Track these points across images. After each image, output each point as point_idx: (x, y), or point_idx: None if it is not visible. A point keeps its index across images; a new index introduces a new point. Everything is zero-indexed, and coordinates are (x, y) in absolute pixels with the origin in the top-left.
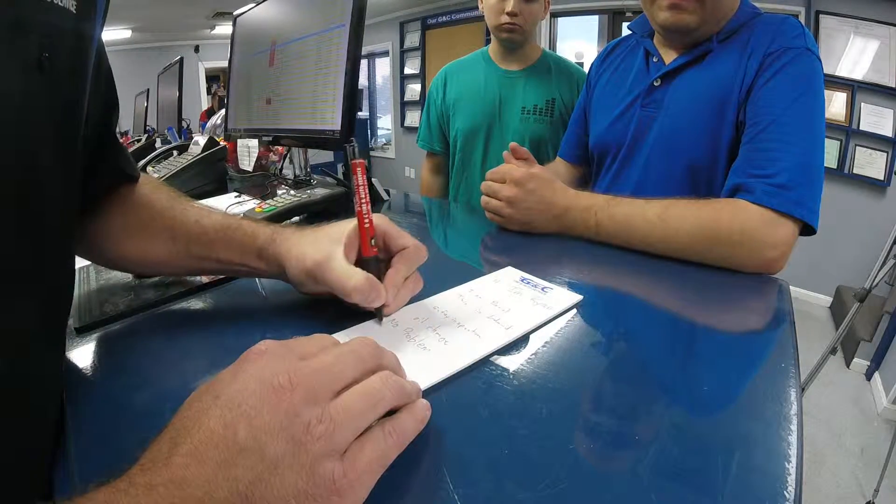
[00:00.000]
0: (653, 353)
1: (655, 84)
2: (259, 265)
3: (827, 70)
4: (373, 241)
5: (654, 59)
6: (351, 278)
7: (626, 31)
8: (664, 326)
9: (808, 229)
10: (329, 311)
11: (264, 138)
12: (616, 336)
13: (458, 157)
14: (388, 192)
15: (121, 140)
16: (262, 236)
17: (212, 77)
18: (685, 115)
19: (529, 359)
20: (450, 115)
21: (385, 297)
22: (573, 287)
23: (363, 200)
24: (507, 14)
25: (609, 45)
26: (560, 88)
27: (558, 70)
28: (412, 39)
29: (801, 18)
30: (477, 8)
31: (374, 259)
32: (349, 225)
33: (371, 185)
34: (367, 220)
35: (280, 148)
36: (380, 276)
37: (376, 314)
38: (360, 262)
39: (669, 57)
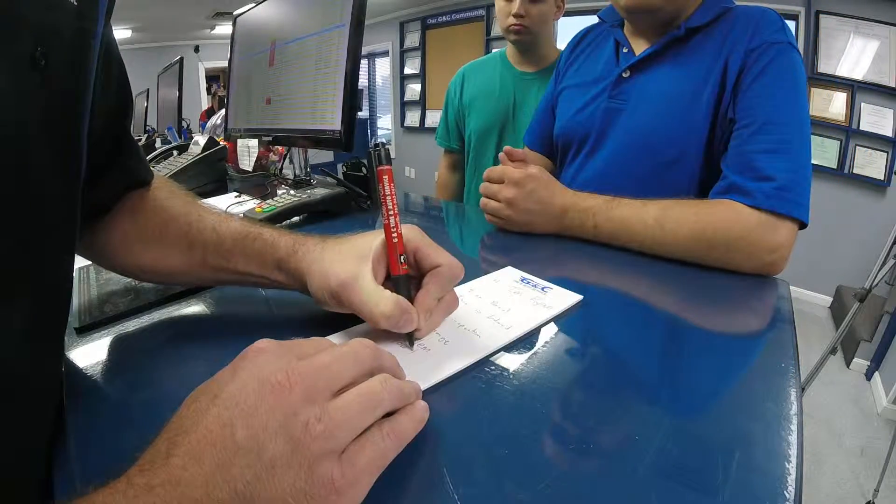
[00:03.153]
0: (653, 352)
1: (624, 75)
2: (279, 278)
3: (827, 70)
4: (402, 257)
5: (625, 50)
6: (379, 303)
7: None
8: (664, 326)
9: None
10: (330, 312)
11: (264, 138)
12: (616, 336)
13: (471, 157)
14: None
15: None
16: (283, 247)
17: (212, 77)
18: (654, 108)
19: (529, 359)
20: (465, 115)
21: (417, 323)
22: (573, 287)
23: (391, 213)
24: (514, 15)
25: (580, 32)
26: None
27: None
28: (412, 39)
29: (801, 18)
30: (476, 8)
31: (405, 278)
32: (377, 239)
33: (371, 186)
34: (395, 235)
35: (280, 148)
36: (410, 296)
37: (407, 339)
38: (389, 280)
39: (640, 48)
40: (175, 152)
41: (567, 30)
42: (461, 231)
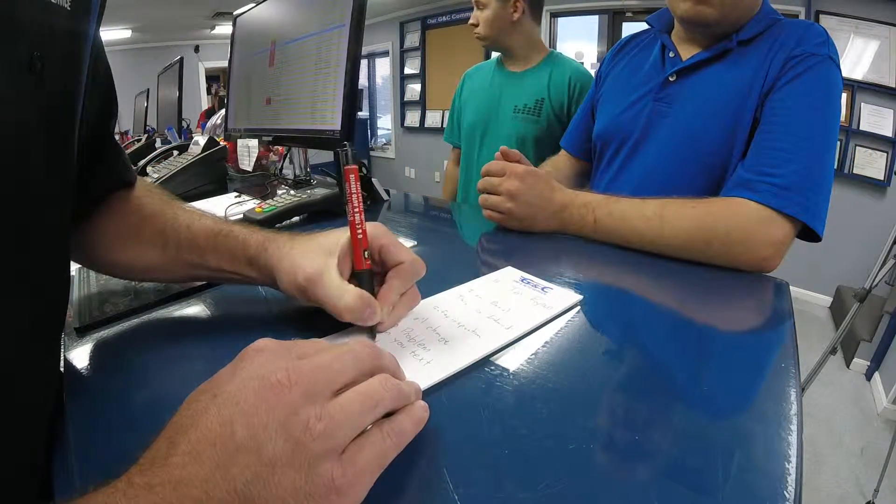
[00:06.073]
0: (653, 353)
1: (671, 79)
2: (251, 273)
3: None
4: (366, 252)
5: (671, 55)
6: (343, 297)
7: (626, 31)
8: (664, 326)
9: (812, 235)
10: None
11: (264, 138)
12: (616, 336)
13: (463, 154)
14: (387, 192)
15: (119, 142)
16: (254, 244)
17: (212, 77)
18: (700, 111)
19: (529, 359)
20: (461, 114)
21: (379, 316)
22: (573, 287)
23: (356, 209)
24: (471, 25)
25: (623, 38)
26: (551, 88)
27: (554, 71)
28: (412, 39)
29: (801, 18)
30: None
31: (368, 272)
32: (344, 235)
33: (371, 186)
34: (360, 231)
35: (280, 148)
36: (373, 291)
37: (369, 332)
38: (353, 275)
39: (687, 53)
40: (175, 152)
41: (568, 29)
42: (462, 231)
